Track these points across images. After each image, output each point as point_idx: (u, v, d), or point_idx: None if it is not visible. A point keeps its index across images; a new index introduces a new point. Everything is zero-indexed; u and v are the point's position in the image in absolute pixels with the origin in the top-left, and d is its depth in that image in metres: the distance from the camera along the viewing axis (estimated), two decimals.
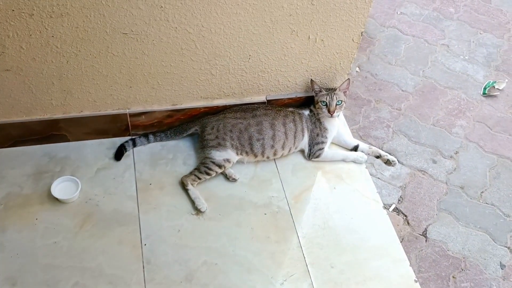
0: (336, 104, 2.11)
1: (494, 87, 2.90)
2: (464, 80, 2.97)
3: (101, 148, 2.16)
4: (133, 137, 2.17)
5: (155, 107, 2.13)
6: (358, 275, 1.89)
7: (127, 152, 2.14)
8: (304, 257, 1.92)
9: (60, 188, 1.98)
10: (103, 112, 2.08)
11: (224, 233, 1.95)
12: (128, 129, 2.16)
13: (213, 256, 1.88)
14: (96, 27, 1.77)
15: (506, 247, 2.21)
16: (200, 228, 1.95)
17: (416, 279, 1.92)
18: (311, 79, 2.16)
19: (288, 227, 2.00)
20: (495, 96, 2.89)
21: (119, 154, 2.12)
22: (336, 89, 2.14)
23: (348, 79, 2.16)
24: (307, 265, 1.89)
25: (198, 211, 1.99)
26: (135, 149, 2.17)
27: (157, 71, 1.98)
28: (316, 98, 2.16)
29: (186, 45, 1.92)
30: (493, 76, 3.01)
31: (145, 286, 1.77)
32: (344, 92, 2.16)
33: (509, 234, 2.26)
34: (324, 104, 2.11)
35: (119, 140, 2.17)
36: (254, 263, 1.88)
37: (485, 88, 2.90)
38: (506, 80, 2.97)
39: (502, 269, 2.15)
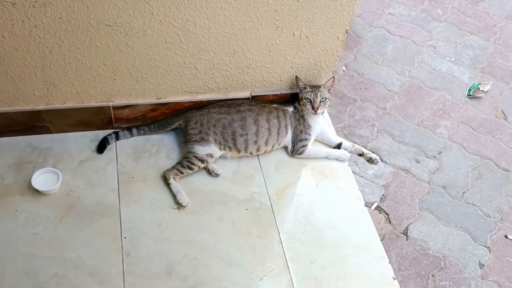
0: (320, 101, 2.12)
1: (479, 88, 2.92)
2: (450, 81, 3.00)
3: (84, 140, 2.15)
4: (116, 130, 2.17)
5: (139, 101, 2.12)
6: (338, 271, 1.90)
7: (110, 145, 2.14)
8: (285, 253, 1.92)
9: (41, 179, 1.97)
10: (86, 104, 2.08)
11: (205, 227, 1.95)
12: (111, 122, 2.16)
13: (194, 249, 1.88)
14: (80, 18, 1.77)
15: (485, 247, 2.23)
16: (182, 222, 1.95)
17: (395, 277, 1.93)
18: (296, 76, 2.17)
19: (270, 223, 2.01)
20: (479, 97, 2.91)
21: (101, 146, 2.11)
22: (320, 86, 2.15)
23: (333, 76, 2.17)
24: (287, 261, 1.90)
25: (179, 205, 1.99)
26: (118, 142, 2.16)
27: (141, 64, 1.98)
28: (300, 95, 2.17)
29: (171, 38, 1.92)
30: (478, 78, 3.04)
31: (124, 278, 1.77)
32: (329, 90, 2.18)
33: (489, 234, 2.28)
34: (308, 100, 2.12)
35: (102, 133, 2.16)
36: (235, 258, 1.88)
37: (470, 90, 2.92)
38: (491, 82, 3.00)
39: (481, 268, 2.17)
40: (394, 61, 3.08)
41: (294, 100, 2.25)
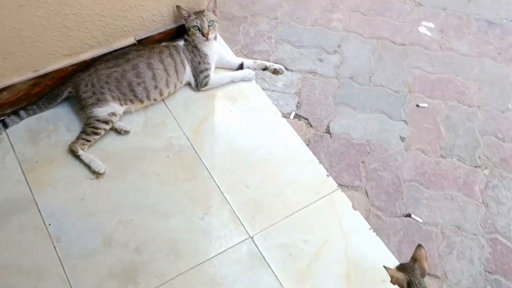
0: (209, 26, 2.02)
1: None
2: None
3: None
4: (2, 118, 1.95)
5: (15, 79, 1.91)
6: (274, 187, 1.91)
7: (0, 136, 1.93)
8: (218, 186, 1.89)
9: None
10: None
11: (131, 188, 1.86)
12: None
13: (126, 213, 1.80)
14: None
15: (402, 120, 2.33)
16: (105, 190, 1.85)
17: (328, 174, 1.97)
18: (177, 6, 2.03)
19: (195, 163, 1.95)
20: None
21: None
22: (204, 10, 2.04)
23: None
24: (222, 193, 1.87)
25: (97, 174, 1.87)
26: (8, 130, 1.96)
27: (2, 38, 1.76)
28: (187, 25, 2.05)
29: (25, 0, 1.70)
30: None
31: (62, 265, 1.67)
32: (214, 12, 2.07)
33: (402, 108, 2.38)
34: (196, 28, 2.01)
35: None
36: (170, 207, 1.83)
37: None
38: None
39: (402, 141, 2.27)
40: None
41: (182, 33, 2.13)
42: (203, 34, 2.01)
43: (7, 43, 1.78)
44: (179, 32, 2.15)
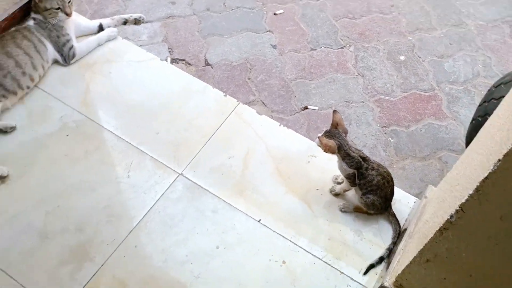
0: (69, 2, 1.95)
1: None
2: None
3: None
4: None
5: None
6: (182, 123, 1.96)
7: None
8: (130, 143, 1.88)
9: None
10: None
11: (44, 178, 1.78)
12: None
13: (50, 202, 1.73)
14: None
15: (267, 31, 2.49)
16: (16, 190, 1.74)
17: (225, 94, 2.07)
18: None
19: (97, 131, 1.91)
20: None
21: None
22: None
23: None
24: (137, 147, 1.88)
25: (1, 178, 1.75)
26: None
27: None
28: (41, 5, 1.93)
29: None
30: None
31: (7, 274, 1.57)
32: None
33: (262, 20, 2.53)
34: (57, 9, 1.92)
35: None
36: (91, 180, 1.79)
37: None
38: None
39: (275, 49, 2.43)
40: None
41: (26, 15, 2.01)
42: (67, 14, 1.95)
43: None
44: (24, 14, 2.02)
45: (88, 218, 1.70)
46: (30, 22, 1.98)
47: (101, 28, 2.17)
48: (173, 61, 2.36)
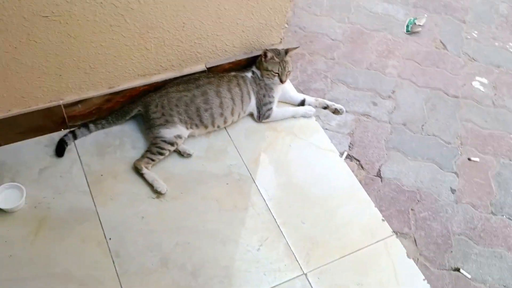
0: (288, 72, 2.10)
1: (415, 23, 3.00)
2: (388, 21, 3.05)
3: (39, 147, 1.98)
4: (72, 129, 2.01)
5: (91, 93, 1.97)
6: (330, 224, 1.93)
7: (68, 146, 1.98)
8: (275, 219, 1.91)
9: (3, 197, 1.81)
10: (34, 107, 1.90)
11: (190, 210, 1.89)
12: (65, 122, 2.00)
13: (184, 235, 1.82)
14: (12, 14, 1.58)
15: (453, 172, 2.35)
16: (165, 210, 1.88)
17: (384, 219, 1.99)
18: (265, 50, 2.08)
19: (253, 192, 1.98)
20: (418, 32, 3.00)
21: (60, 149, 1.96)
22: (285, 55, 2.11)
23: (298, 46, 2.15)
24: (279, 226, 1.89)
25: (158, 193, 1.91)
26: (77, 141, 2.01)
27: (88, 54, 1.83)
28: (265, 64, 2.10)
29: (115, 20, 1.77)
30: (413, 13, 3.11)
31: (119, 280, 1.69)
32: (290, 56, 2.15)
33: (453, 160, 2.40)
34: (275, 73, 2.09)
35: (57, 135, 2.00)
36: (227, 234, 1.85)
37: (407, 26, 2.99)
38: (426, 15, 3.09)
39: (453, 193, 2.28)
40: (332, 9, 3.07)
41: (249, 66, 2.19)
42: (281, 81, 2.10)
43: (91, 59, 1.85)
44: (247, 64, 2.21)
45: (206, 268, 1.76)
46: (248, 74, 2.16)
47: (302, 103, 2.27)
48: (349, 156, 2.36)
